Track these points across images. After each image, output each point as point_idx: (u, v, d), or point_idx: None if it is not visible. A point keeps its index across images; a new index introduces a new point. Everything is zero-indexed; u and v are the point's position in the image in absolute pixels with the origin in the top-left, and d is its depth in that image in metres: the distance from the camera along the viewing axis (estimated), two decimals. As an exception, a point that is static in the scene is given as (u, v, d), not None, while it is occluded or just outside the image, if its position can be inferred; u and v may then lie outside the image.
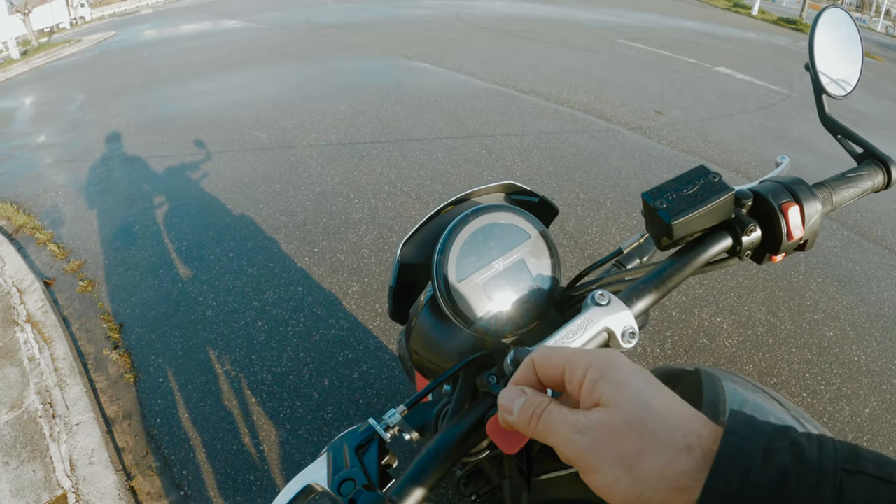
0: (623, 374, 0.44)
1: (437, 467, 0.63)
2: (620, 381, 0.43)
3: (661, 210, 0.75)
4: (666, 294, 0.78)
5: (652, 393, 0.43)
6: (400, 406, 0.72)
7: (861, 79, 1.08)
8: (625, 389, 0.43)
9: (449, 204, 0.96)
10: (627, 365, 0.45)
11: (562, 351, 0.49)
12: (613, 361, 0.45)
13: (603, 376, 0.44)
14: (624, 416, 0.41)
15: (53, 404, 2.82)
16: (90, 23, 19.58)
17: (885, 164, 0.97)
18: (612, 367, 0.44)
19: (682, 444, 0.39)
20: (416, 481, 0.61)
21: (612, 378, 0.44)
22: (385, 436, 0.69)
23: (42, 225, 4.55)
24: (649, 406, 0.41)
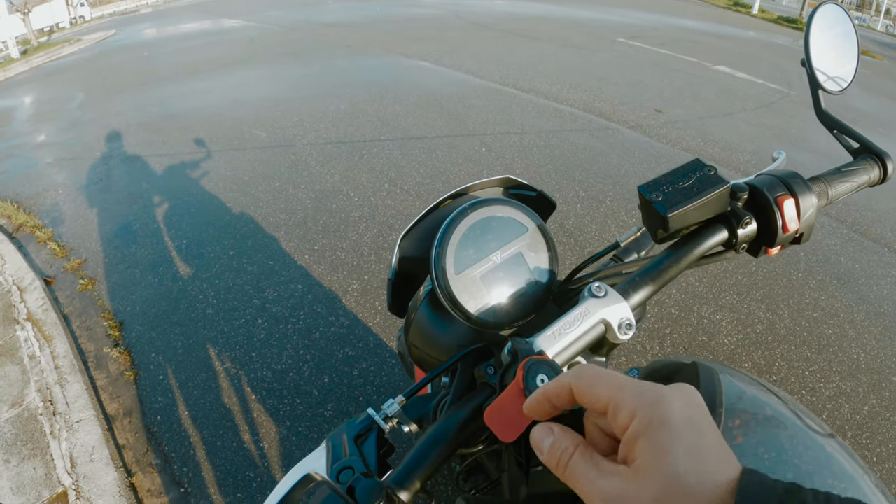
0: (667, 437, 0.41)
1: (435, 456, 0.64)
2: (662, 447, 0.40)
3: (657, 203, 0.75)
4: (662, 286, 0.79)
5: (690, 464, 0.39)
6: (398, 396, 0.73)
7: (857, 75, 1.08)
8: (663, 459, 0.40)
9: (447, 198, 0.97)
10: (676, 422, 0.42)
11: (609, 381, 0.46)
12: (662, 416, 0.42)
13: (646, 433, 0.42)
14: (654, 493, 0.40)
15: (54, 402, 2.83)
16: (90, 22, 19.59)
17: (880, 158, 0.97)
18: (658, 425, 0.42)
19: None
20: (414, 469, 0.62)
21: (654, 439, 0.41)
22: (384, 425, 0.70)
23: (42, 223, 4.56)
24: (682, 484, 0.39)
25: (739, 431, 0.70)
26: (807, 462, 0.66)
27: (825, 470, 0.66)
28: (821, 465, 0.66)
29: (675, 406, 0.43)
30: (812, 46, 1.03)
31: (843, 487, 0.63)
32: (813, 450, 0.69)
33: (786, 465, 0.65)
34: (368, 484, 0.55)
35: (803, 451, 0.68)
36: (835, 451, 0.70)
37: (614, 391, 0.45)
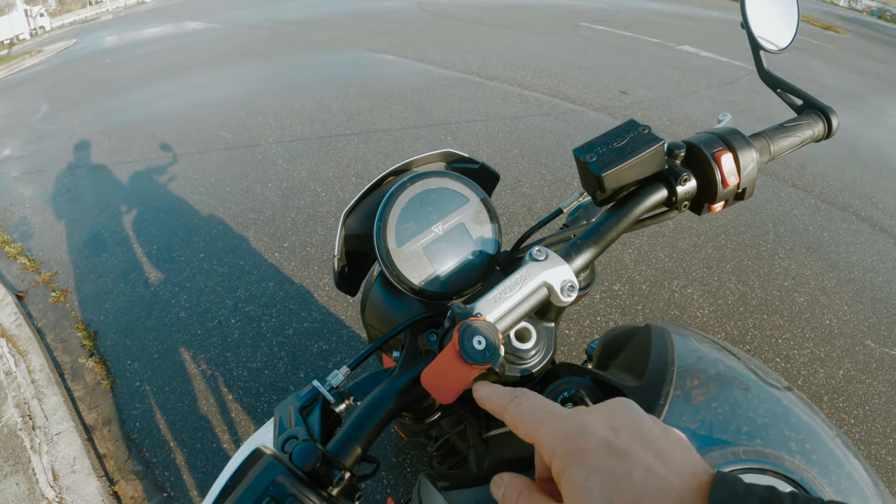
0: (583, 472, 0.40)
1: (376, 421, 0.65)
2: (579, 487, 0.39)
3: (591, 163, 0.76)
4: (605, 248, 0.79)
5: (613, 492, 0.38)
6: (343, 367, 0.74)
7: (797, 33, 1.09)
8: (584, 499, 0.39)
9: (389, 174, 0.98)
10: (592, 454, 0.40)
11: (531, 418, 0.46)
12: (573, 454, 0.41)
13: (564, 472, 0.41)
14: None
15: (32, 416, 2.82)
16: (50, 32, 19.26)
17: (825, 113, 0.97)
18: (574, 463, 0.41)
19: None
20: (353, 435, 0.63)
21: (571, 481, 0.40)
22: (329, 396, 0.71)
23: (11, 238, 4.51)
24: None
25: (696, 391, 0.71)
26: (762, 415, 0.67)
27: (781, 422, 0.67)
28: (776, 417, 0.68)
29: (592, 437, 0.41)
30: (749, 7, 1.04)
31: (801, 438, 0.64)
32: (768, 402, 0.70)
33: (741, 419, 0.66)
34: (305, 447, 0.56)
35: (758, 404, 0.69)
36: (792, 403, 0.71)
37: (535, 429, 0.45)
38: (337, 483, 0.58)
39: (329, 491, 0.57)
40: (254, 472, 0.55)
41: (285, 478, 0.54)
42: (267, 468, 0.54)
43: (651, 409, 0.68)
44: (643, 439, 0.41)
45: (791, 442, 0.64)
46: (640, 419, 0.43)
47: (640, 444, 0.40)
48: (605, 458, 0.40)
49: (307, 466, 0.55)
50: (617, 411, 0.44)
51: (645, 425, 0.42)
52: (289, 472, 0.54)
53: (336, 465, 0.59)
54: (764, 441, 0.63)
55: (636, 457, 0.39)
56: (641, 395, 0.71)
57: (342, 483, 0.58)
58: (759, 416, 0.67)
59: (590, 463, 0.40)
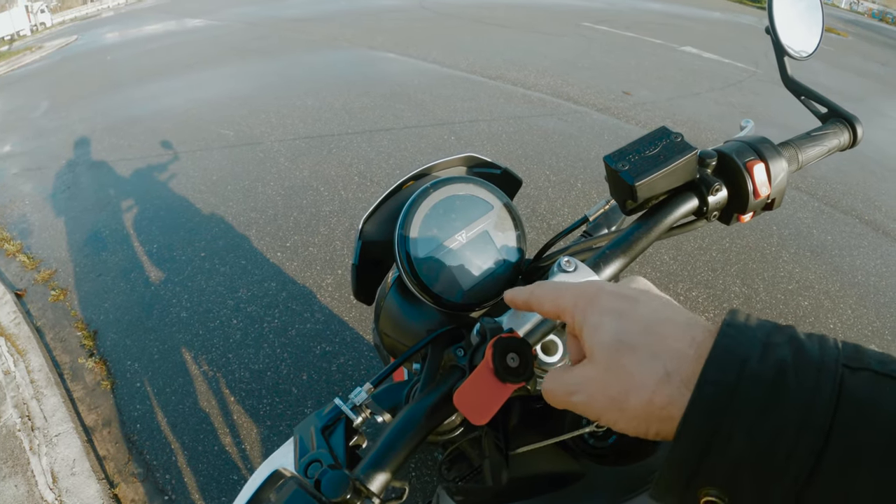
0: (597, 314, 0.45)
1: (405, 444, 0.62)
2: (595, 325, 0.45)
3: (623, 172, 0.74)
4: (634, 258, 0.77)
5: (627, 327, 0.43)
6: (366, 384, 0.72)
7: (822, 52, 1.08)
8: (599, 334, 0.44)
9: (409, 179, 0.95)
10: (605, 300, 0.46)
11: (550, 292, 0.51)
12: (589, 300, 0.47)
13: (583, 321, 0.46)
14: (604, 364, 0.43)
15: (31, 417, 2.80)
16: (51, 28, 19.18)
17: (850, 122, 0.97)
18: (589, 309, 0.46)
19: (662, 372, 0.40)
20: (383, 459, 0.60)
21: (589, 322, 0.45)
22: (351, 415, 0.69)
23: (10, 236, 4.48)
24: (623, 344, 0.42)
25: None
26: None
27: None
28: None
29: (607, 288, 0.47)
30: (776, 12, 1.02)
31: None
32: None
33: None
34: (335, 476, 0.53)
35: None
36: None
37: (558, 296, 0.50)
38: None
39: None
40: (279, 498, 0.52)
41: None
42: (294, 497, 0.52)
43: None
44: (649, 294, 0.47)
45: None
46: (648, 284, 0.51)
47: (646, 296, 0.46)
48: (615, 301, 0.46)
49: (338, 498, 0.52)
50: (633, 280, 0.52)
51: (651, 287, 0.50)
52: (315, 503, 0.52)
53: (366, 492, 0.56)
54: None
55: (642, 300, 0.45)
56: None
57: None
58: None
59: (602, 305, 0.46)
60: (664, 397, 0.39)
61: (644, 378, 0.40)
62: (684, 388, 0.38)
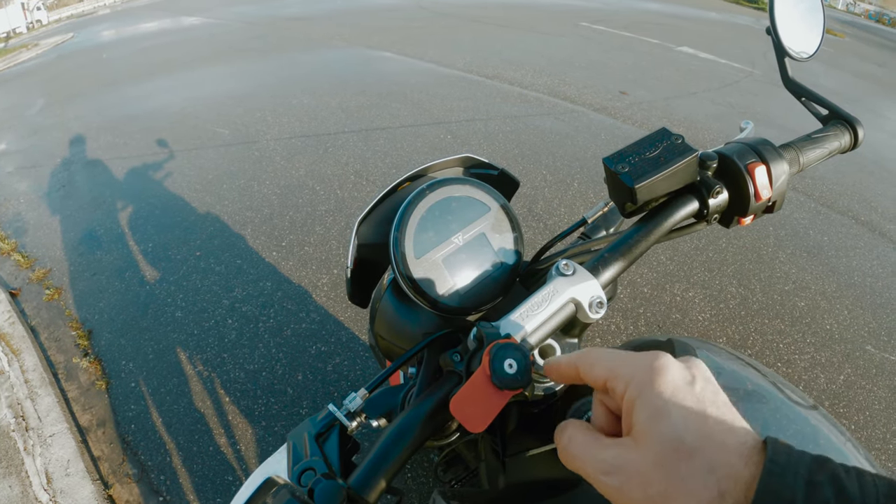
0: (661, 398, 0.41)
1: (401, 452, 0.61)
2: (656, 409, 0.41)
3: (623, 174, 0.73)
4: (633, 261, 0.77)
5: (690, 424, 0.39)
6: (361, 390, 0.71)
7: (820, 53, 1.07)
8: (659, 422, 0.40)
9: (405, 180, 0.95)
10: (671, 382, 0.42)
11: (607, 357, 0.47)
12: (654, 379, 0.42)
13: (640, 397, 0.42)
14: (653, 457, 0.39)
15: (26, 417, 2.79)
16: (47, 26, 19.09)
17: (851, 124, 0.96)
18: (651, 387, 0.42)
19: (715, 490, 0.37)
20: (377, 468, 0.59)
21: (648, 402, 0.41)
22: (346, 422, 0.67)
23: (5, 234, 4.47)
24: (683, 444, 0.39)
25: None
26: (791, 435, 0.65)
27: (810, 442, 0.65)
28: (806, 437, 0.66)
29: (673, 368, 0.43)
30: (777, 14, 1.02)
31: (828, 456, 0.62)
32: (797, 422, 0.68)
33: None
34: (328, 486, 0.53)
35: (787, 423, 0.67)
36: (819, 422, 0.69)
37: (612, 364, 0.46)
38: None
39: None
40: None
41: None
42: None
43: None
44: (715, 388, 0.43)
45: None
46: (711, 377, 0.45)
47: (712, 389, 0.43)
48: (684, 390, 0.42)
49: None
50: (695, 363, 0.45)
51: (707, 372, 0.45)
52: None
53: (361, 502, 0.55)
54: None
55: (708, 396, 0.42)
56: None
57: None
58: (787, 435, 0.65)
59: (669, 391, 0.41)
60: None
61: (696, 490, 0.37)
62: None
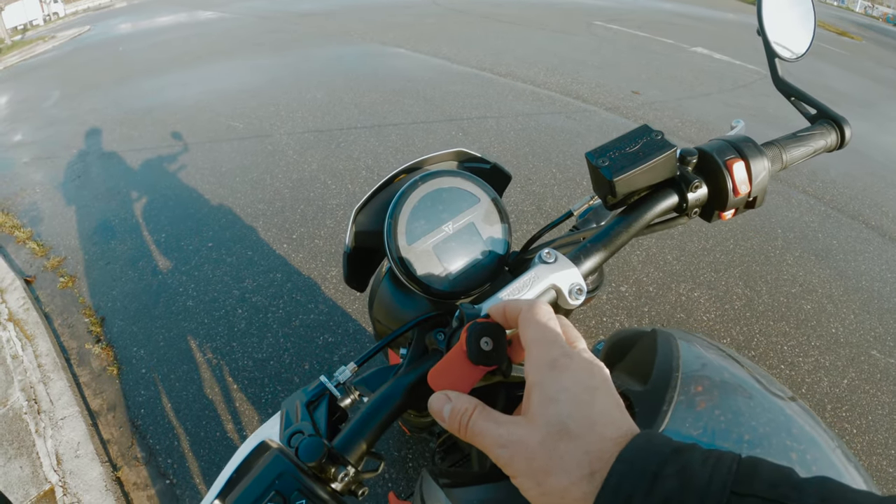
0: (556, 387, 0.45)
1: (381, 418, 0.65)
2: (549, 397, 0.45)
3: (603, 168, 0.76)
4: (614, 252, 0.80)
5: (576, 414, 0.44)
6: (350, 364, 0.75)
7: (814, 40, 1.08)
8: (548, 407, 0.45)
9: (401, 172, 0.98)
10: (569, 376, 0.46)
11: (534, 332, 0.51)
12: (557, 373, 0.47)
13: (539, 384, 0.47)
14: (539, 436, 0.44)
15: (38, 400, 2.83)
16: (64, 19, 19.25)
17: (838, 123, 0.97)
18: (550, 377, 0.46)
19: (587, 469, 0.41)
20: (360, 431, 0.63)
21: (544, 389, 0.46)
22: (335, 392, 0.71)
23: (21, 223, 4.53)
24: (566, 428, 0.43)
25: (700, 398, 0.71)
26: (764, 424, 0.67)
27: (783, 432, 0.66)
28: (779, 426, 0.67)
29: (573, 367, 0.47)
30: (765, 14, 1.03)
31: (801, 448, 0.64)
32: (771, 412, 0.70)
33: (742, 427, 0.66)
34: (311, 442, 0.56)
35: (761, 413, 0.69)
36: (795, 413, 0.71)
37: (530, 340, 0.50)
38: (342, 479, 0.58)
39: (333, 486, 0.58)
40: (260, 465, 0.56)
41: (291, 472, 0.54)
42: (273, 462, 0.55)
43: (654, 415, 0.68)
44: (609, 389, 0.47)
45: (792, 452, 0.64)
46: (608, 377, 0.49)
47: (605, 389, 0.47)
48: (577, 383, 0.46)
49: (313, 462, 0.55)
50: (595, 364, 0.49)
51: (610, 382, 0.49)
52: (294, 467, 0.55)
53: (341, 460, 0.59)
54: (764, 450, 0.63)
55: (600, 395, 0.46)
56: (645, 401, 0.72)
57: (346, 478, 0.59)
58: (761, 424, 0.67)
59: (563, 382, 0.46)
60: (580, 493, 0.41)
61: (570, 467, 0.42)
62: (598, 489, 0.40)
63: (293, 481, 0.54)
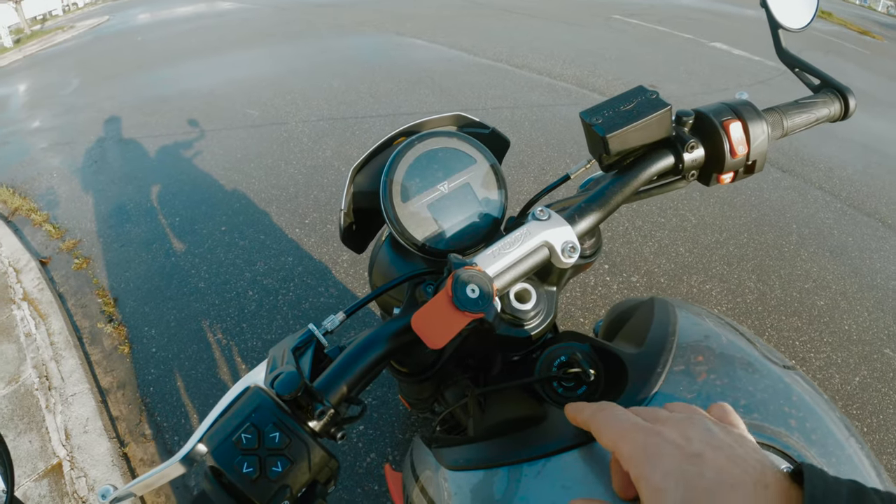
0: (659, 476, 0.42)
1: (364, 363, 0.65)
2: (656, 489, 0.42)
3: (596, 125, 0.76)
4: (610, 213, 0.79)
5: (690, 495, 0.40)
6: (339, 313, 0.75)
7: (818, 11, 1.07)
8: (661, 499, 0.41)
9: (400, 134, 0.99)
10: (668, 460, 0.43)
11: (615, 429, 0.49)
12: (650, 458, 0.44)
13: (642, 477, 0.43)
14: None
15: (49, 377, 2.86)
16: (83, 9, 19.39)
17: (842, 93, 0.95)
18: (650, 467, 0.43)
19: None
20: (340, 374, 0.63)
21: (650, 483, 0.42)
22: (323, 340, 0.71)
23: (38, 207, 4.57)
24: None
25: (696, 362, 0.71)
26: (762, 390, 0.67)
27: (781, 398, 0.66)
28: (777, 393, 0.67)
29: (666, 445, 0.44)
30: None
31: (800, 416, 0.64)
32: (769, 379, 0.69)
33: (739, 393, 0.66)
34: (288, 375, 0.57)
35: (759, 379, 0.69)
36: (793, 382, 0.71)
37: (616, 440, 0.48)
38: (318, 416, 0.59)
39: (311, 425, 0.58)
40: (241, 401, 0.57)
41: (267, 406, 0.55)
42: (251, 397, 0.56)
43: (648, 377, 0.68)
44: (714, 445, 0.43)
45: (790, 419, 0.63)
46: (710, 428, 0.45)
47: (712, 449, 0.42)
48: (678, 461, 0.42)
49: (287, 395, 0.56)
50: (691, 422, 0.46)
51: (716, 433, 0.45)
52: (271, 401, 0.56)
53: (318, 398, 0.59)
54: (762, 416, 0.63)
55: (708, 458, 0.41)
56: (639, 363, 0.72)
57: (324, 417, 0.59)
58: (758, 390, 0.67)
59: (664, 466, 0.42)
60: None
61: None
62: None
63: (269, 415, 0.55)
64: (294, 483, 0.54)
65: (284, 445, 0.53)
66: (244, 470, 0.52)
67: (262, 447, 0.53)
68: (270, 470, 0.52)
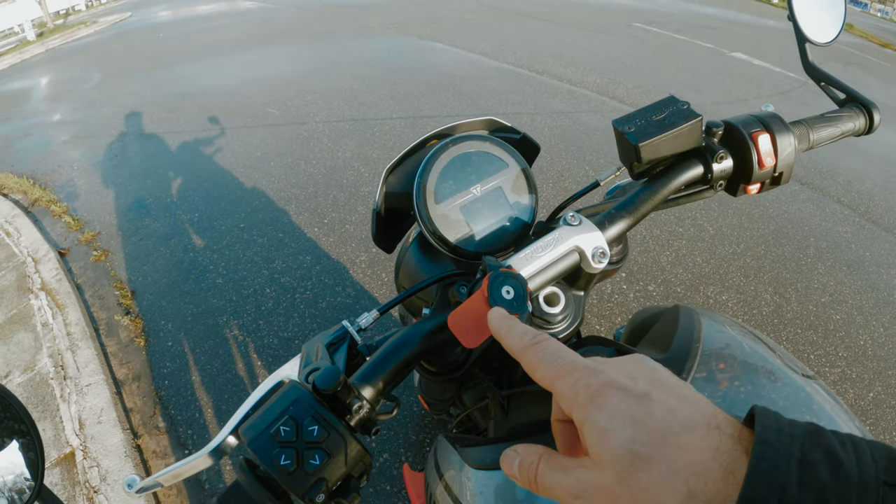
0: (604, 417, 0.39)
1: (399, 360, 0.66)
2: (602, 430, 0.39)
3: (629, 133, 0.78)
4: (639, 220, 0.80)
5: (640, 436, 0.37)
6: (373, 311, 0.76)
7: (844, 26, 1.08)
8: (608, 441, 0.38)
9: (433, 136, 1.00)
10: (613, 400, 0.40)
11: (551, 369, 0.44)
12: (592, 397, 0.40)
13: (587, 420, 0.40)
14: (612, 475, 0.38)
15: (65, 367, 2.89)
16: (106, 4, 19.52)
17: (867, 108, 0.97)
18: (593, 408, 0.40)
19: (684, 491, 0.35)
20: (376, 371, 0.64)
21: (594, 425, 0.39)
22: (356, 336, 0.73)
23: (57, 198, 4.62)
24: (637, 457, 0.37)
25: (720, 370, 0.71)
26: (784, 398, 0.67)
27: (803, 407, 0.66)
28: (798, 402, 0.67)
29: (617, 381, 0.41)
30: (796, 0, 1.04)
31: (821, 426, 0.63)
32: (791, 388, 0.70)
33: (762, 400, 0.66)
34: (328, 370, 0.57)
35: (781, 388, 0.69)
36: (815, 392, 0.71)
37: (553, 378, 0.44)
38: (356, 412, 0.59)
39: (347, 419, 0.59)
40: (277, 394, 0.57)
41: (306, 399, 0.56)
42: (290, 390, 0.57)
43: None
44: (661, 386, 0.41)
45: None
46: (656, 369, 0.43)
47: (659, 389, 0.40)
48: (624, 401, 0.39)
49: (328, 389, 0.56)
50: (634, 361, 0.43)
51: (662, 374, 0.42)
52: (310, 394, 0.56)
53: (356, 394, 0.59)
54: None
55: (656, 399, 0.39)
56: None
57: (360, 413, 0.59)
58: (780, 398, 0.67)
59: (610, 406, 0.39)
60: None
61: (663, 496, 0.35)
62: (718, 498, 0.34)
63: (308, 408, 0.55)
64: (330, 476, 0.54)
65: (322, 439, 0.54)
66: (282, 462, 0.52)
67: (300, 440, 0.53)
68: (308, 462, 0.53)
